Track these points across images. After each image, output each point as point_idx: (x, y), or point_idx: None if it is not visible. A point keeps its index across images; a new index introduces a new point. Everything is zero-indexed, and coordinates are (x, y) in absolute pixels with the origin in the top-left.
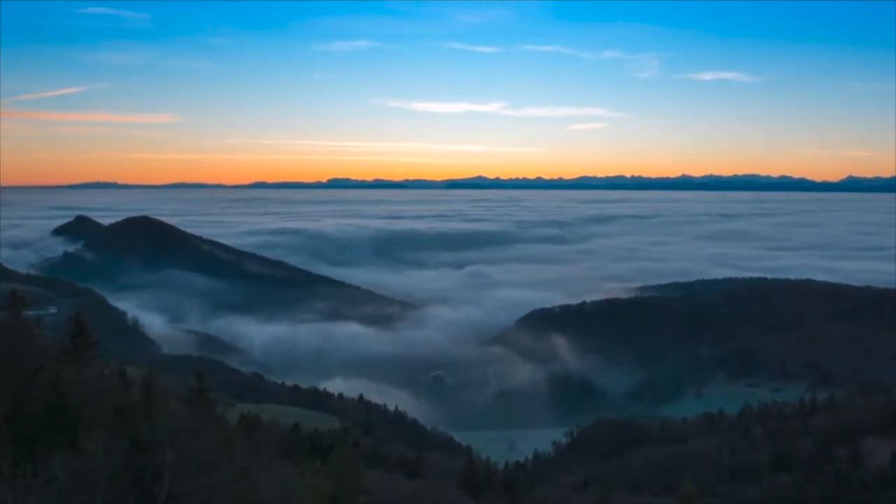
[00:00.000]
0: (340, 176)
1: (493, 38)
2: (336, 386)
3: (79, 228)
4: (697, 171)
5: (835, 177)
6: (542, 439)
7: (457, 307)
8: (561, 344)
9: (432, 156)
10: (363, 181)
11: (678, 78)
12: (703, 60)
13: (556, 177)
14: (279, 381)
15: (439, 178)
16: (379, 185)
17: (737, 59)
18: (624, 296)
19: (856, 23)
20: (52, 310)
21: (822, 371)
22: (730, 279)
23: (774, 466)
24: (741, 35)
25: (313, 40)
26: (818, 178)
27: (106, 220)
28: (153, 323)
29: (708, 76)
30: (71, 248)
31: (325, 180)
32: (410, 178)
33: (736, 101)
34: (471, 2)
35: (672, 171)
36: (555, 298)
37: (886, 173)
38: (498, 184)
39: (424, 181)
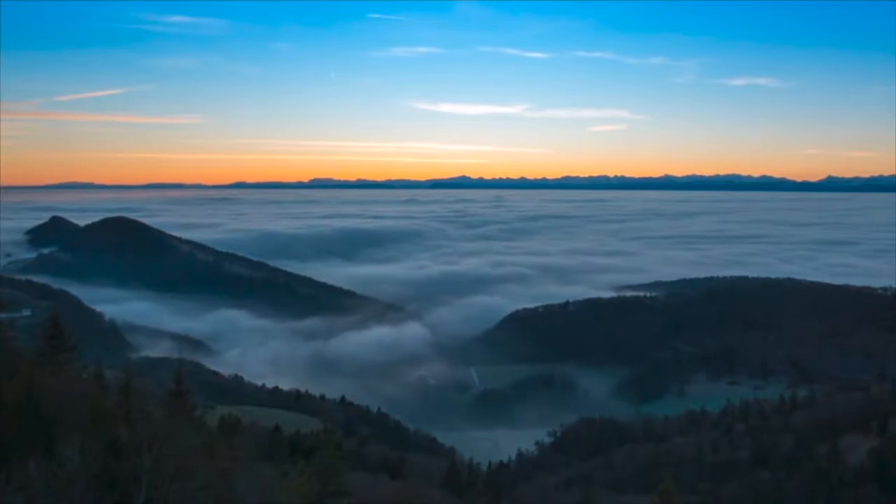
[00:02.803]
0: (323, 176)
1: (547, 44)
2: (318, 387)
3: (53, 229)
4: (681, 171)
5: (815, 177)
6: (525, 439)
7: (440, 307)
8: (544, 343)
9: (434, 156)
10: (346, 181)
11: (712, 83)
12: (739, 66)
13: (539, 177)
14: (260, 383)
15: (423, 178)
16: (362, 185)
17: (769, 65)
18: (606, 295)
19: (842, 25)
20: (27, 312)
21: (802, 369)
22: (711, 278)
23: (755, 463)
24: (771, 40)
25: (372, 46)
26: (798, 178)
27: (81, 221)
28: (130, 325)
29: (740, 81)
30: (45, 250)
31: (306, 180)
32: (394, 178)
33: (765, 105)
34: (535, 10)
35: (656, 171)
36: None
37: (865, 173)
38: (480, 183)
39: (408, 181)
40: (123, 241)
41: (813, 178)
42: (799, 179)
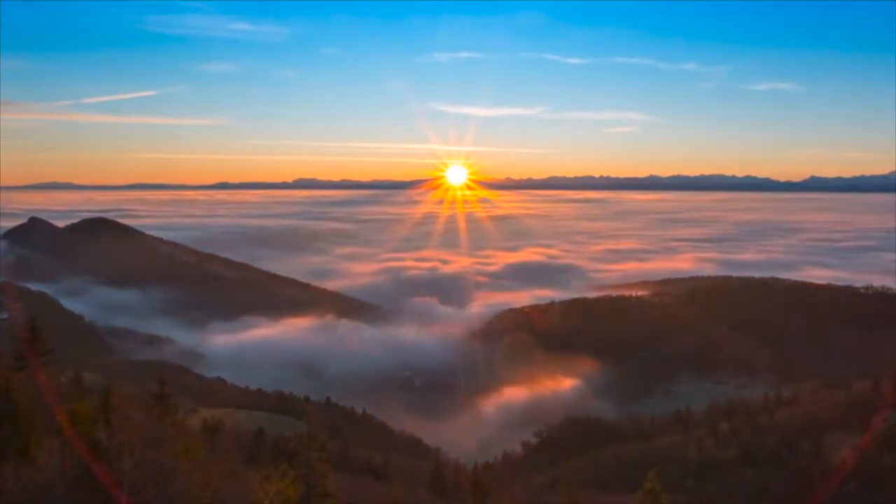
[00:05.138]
0: (307, 177)
1: (588, 50)
2: (302, 389)
3: (32, 230)
4: (665, 171)
5: (798, 177)
6: (511, 439)
7: (425, 307)
8: (529, 343)
9: (430, 157)
10: (330, 181)
11: (737, 88)
12: (763, 72)
13: (525, 177)
14: (243, 385)
15: (408, 179)
16: (345, 185)
17: (790, 70)
18: (592, 295)
19: (831, 27)
20: (4, 315)
21: (786, 367)
22: (695, 277)
23: (741, 461)
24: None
25: (417, 50)
26: (782, 178)
27: (61, 222)
28: (111, 327)
29: (763, 86)
30: (24, 251)
31: (290, 180)
32: (380, 178)
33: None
34: (580, 17)
35: (640, 171)
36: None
37: (847, 173)
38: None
39: (392, 181)
40: (105, 242)
41: (796, 178)
42: (782, 179)
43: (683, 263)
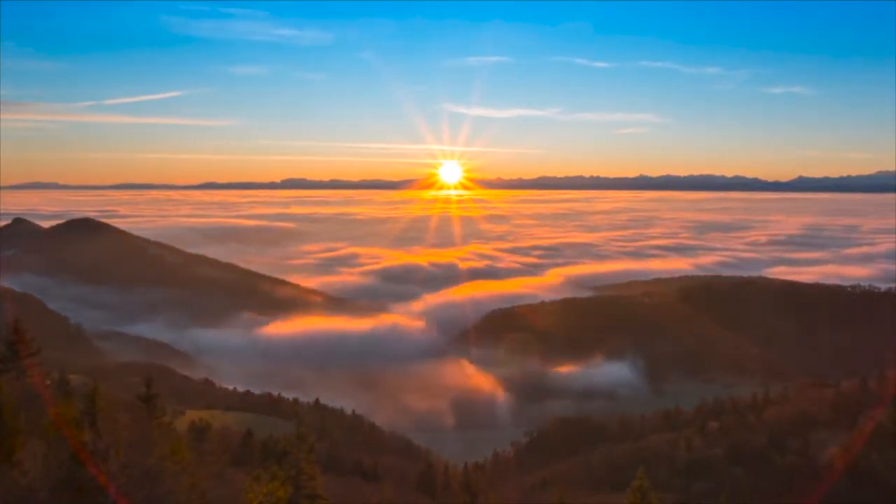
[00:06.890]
0: (296, 177)
1: (616, 55)
2: (291, 390)
3: (16, 231)
4: (655, 171)
5: (786, 177)
6: (501, 439)
7: (413, 306)
8: (520, 343)
9: (426, 157)
10: (319, 181)
11: (752, 91)
12: (780, 75)
13: (515, 178)
14: (231, 387)
15: (398, 179)
16: (335, 185)
17: (805, 73)
18: (582, 295)
19: (822, 28)
20: None
21: (775, 366)
22: (685, 277)
23: (729, 460)
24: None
25: (449, 55)
26: (770, 178)
27: (49, 222)
28: (97, 328)
29: (778, 90)
30: (8, 252)
31: (278, 181)
32: (368, 178)
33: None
34: (613, 23)
35: (630, 171)
36: None
37: (834, 174)
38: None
39: (381, 181)
40: (90, 243)
41: (784, 179)
42: (770, 179)
43: (672, 263)
